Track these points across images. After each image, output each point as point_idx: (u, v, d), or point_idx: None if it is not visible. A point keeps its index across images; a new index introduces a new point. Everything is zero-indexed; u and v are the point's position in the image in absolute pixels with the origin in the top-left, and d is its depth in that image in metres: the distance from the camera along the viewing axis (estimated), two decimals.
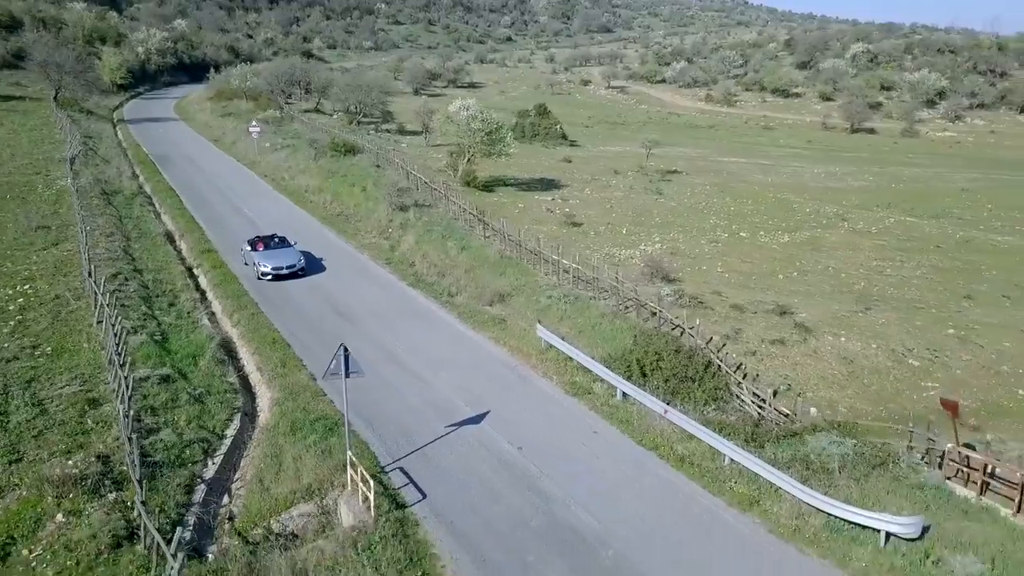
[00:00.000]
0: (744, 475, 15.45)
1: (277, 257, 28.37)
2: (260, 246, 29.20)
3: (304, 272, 28.26)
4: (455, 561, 13.28)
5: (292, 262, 28.34)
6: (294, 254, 28.89)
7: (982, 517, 14.18)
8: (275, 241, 29.61)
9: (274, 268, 27.94)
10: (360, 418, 18.10)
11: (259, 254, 28.60)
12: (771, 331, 24.27)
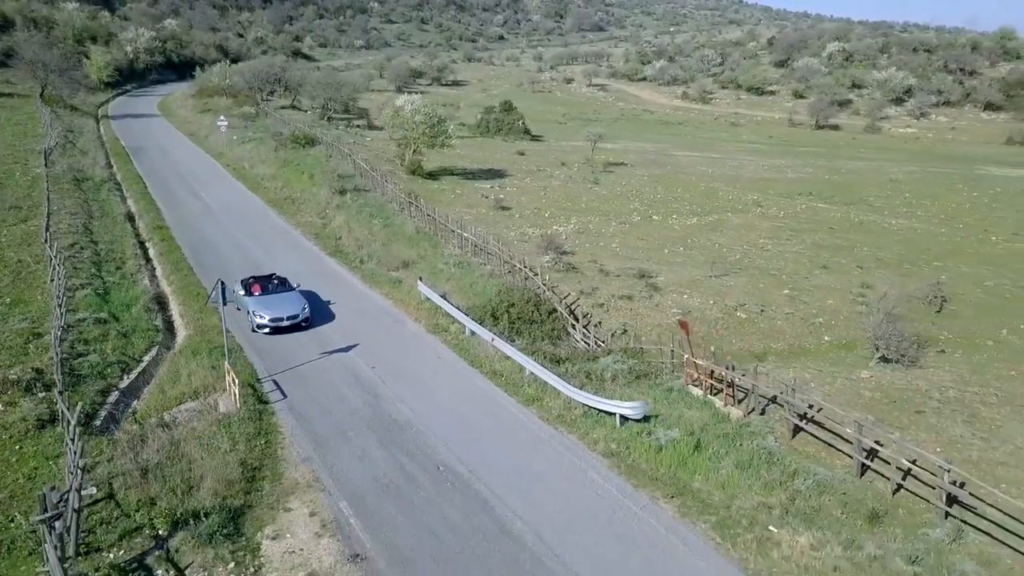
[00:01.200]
0: (536, 383, 20.23)
1: (276, 305, 24.03)
2: (256, 289, 25.09)
3: (308, 323, 24.19)
4: (293, 435, 18.09)
5: (294, 312, 23.90)
6: (297, 301, 24.51)
7: (701, 407, 18.91)
8: (273, 283, 25.50)
9: (272, 320, 23.54)
10: (253, 349, 22.96)
11: (254, 300, 24.32)
12: (624, 289, 29.02)
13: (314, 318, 25.15)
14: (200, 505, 14.99)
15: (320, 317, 25.42)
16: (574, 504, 15.50)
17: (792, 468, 16.24)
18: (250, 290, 25.20)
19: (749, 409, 18.71)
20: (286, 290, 25.34)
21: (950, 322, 28.20)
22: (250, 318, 24.08)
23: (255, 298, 24.63)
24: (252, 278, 26.08)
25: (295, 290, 25.51)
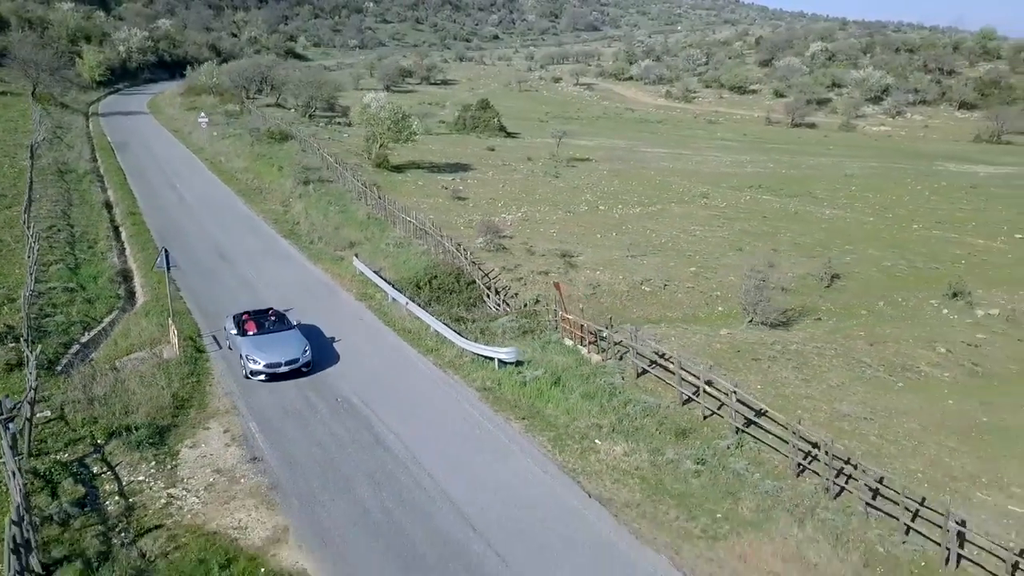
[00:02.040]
0: (437, 338, 23.93)
1: (273, 347, 21.47)
2: (250, 327, 22.58)
3: (310, 368, 21.74)
4: (221, 376, 21.81)
5: (294, 355, 21.32)
6: (296, 342, 21.85)
7: (568, 354, 22.61)
8: (270, 320, 23.04)
9: (269, 365, 21.04)
10: (199, 310, 26.76)
11: (248, 342, 21.76)
12: (544, 267, 32.71)
13: (259, 292, 28.88)
14: (133, 423, 18.74)
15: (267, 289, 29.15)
16: (442, 425, 19.22)
17: (628, 399, 19.93)
18: (243, 328, 22.44)
19: (608, 356, 22.38)
20: (284, 328, 22.57)
21: (836, 295, 31.82)
22: (243, 362, 21.32)
23: (249, 339, 21.82)
24: (246, 314, 23.17)
25: (295, 328, 22.68)
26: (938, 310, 29.96)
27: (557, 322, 24.25)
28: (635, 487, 16.60)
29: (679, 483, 16.69)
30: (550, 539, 14.70)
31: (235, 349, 22.47)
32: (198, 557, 14.09)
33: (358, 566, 13.95)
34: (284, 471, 17.08)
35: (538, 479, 16.97)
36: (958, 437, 18.99)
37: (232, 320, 23.37)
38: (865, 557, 14.18)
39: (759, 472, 16.83)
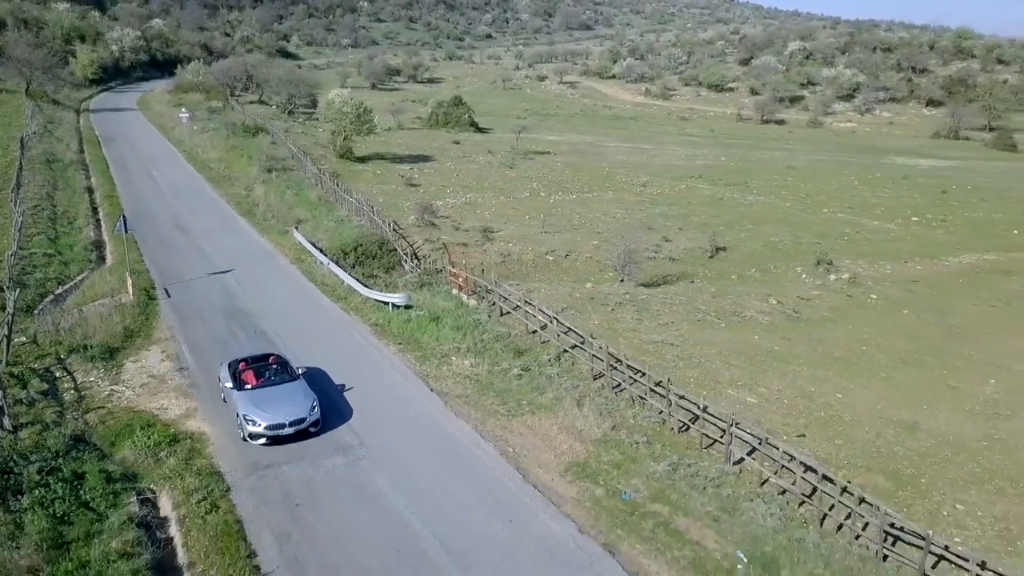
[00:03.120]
0: (348, 289, 29.58)
1: (275, 404, 18.80)
2: (248, 378, 20.02)
3: (319, 427, 19.28)
4: (166, 315, 27.46)
5: (299, 413, 18.72)
6: (302, 396, 19.29)
7: (451, 300, 28.24)
8: (271, 370, 20.46)
9: (271, 427, 18.44)
10: (156, 270, 32.41)
11: (245, 397, 19.09)
12: (464, 239, 38.37)
13: (211, 258, 34.57)
14: (90, 344, 24.46)
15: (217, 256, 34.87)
16: (336, 349, 24.81)
17: (487, 330, 25.52)
18: (240, 379, 19.84)
19: (481, 301, 28.01)
20: (288, 379, 19.96)
21: (716, 264, 37.36)
22: (239, 421, 18.67)
23: (247, 394, 19.16)
24: (243, 362, 20.58)
25: (299, 379, 20.05)
26: (799, 275, 35.46)
27: (446, 276, 29.88)
28: (469, 386, 22.23)
29: (503, 383, 22.32)
30: (398, 417, 20.31)
31: (230, 404, 19.53)
32: (126, 423, 19.74)
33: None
34: (202, 376, 22.73)
35: (399, 382, 22.61)
36: (744, 359, 24.55)
37: (227, 369, 20.33)
38: (615, 424, 19.75)
39: (567, 376, 22.42)
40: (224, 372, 20.74)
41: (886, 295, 32.71)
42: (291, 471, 17.77)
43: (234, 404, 19.56)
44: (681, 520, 16.15)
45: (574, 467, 18.16)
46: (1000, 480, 17.96)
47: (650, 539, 15.54)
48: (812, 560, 14.65)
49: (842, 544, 15.10)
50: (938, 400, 22.26)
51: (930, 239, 43.61)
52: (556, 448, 18.94)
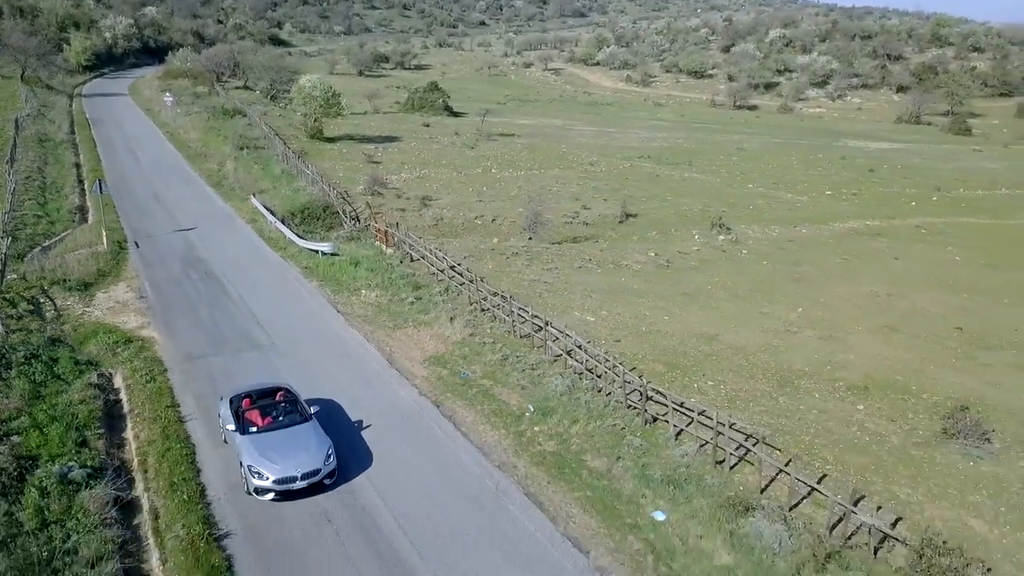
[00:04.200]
0: (288, 241, 35.92)
1: (285, 451, 16.88)
2: (253, 418, 18.07)
3: (334, 478, 17.40)
4: (133, 261, 33.86)
5: (314, 464, 16.83)
6: (316, 441, 17.41)
7: (371, 249, 34.54)
8: (280, 408, 18.50)
9: (281, 480, 16.51)
10: (129, 228, 38.76)
11: (250, 444, 17.09)
12: (404, 205, 44.59)
13: (178, 219, 40.99)
14: (69, 279, 30.85)
15: (184, 218, 41.22)
16: (269, 285, 31.11)
17: (395, 272, 31.80)
18: (244, 420, 17.81)
19: (398, 251, 34.31)
20: (299, 419, 17.96)
21: (623, 228, 43.44)
22: (243, 472, 16.71)
23: (253, 439, 17.14)
24: (247, 398, 18.54)
25: (312, 419, 18.05)
26: (692, 236, 41.55)
27: (370, 229, 36.19)
28: (369, 310, 28.54)
29: (397, 308, 28.61)
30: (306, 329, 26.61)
31: (231, 447, 17.56)
32: (93, 330, 26.09)
33: (185, 339, 25.82)
34: (158, 302, 29.09)
35: (314, 309, 28.92)
36: (602, 294, 30.74)
37: (227, 406, 18.28)
38: (474, 332, 26.02)
39: (449, 304, 28.69)
40: (224, 409, 18.26)
41: (757, 251, 38.81)
42: (215, 360, 24.11)
43: (236, 450, 17.06)
44: (498, 389, 22.42)
45: (432, 359, 24.46)
46: (753, 370, 24.11)
47: (470, 399, 21.82)
48: (579, 410, 20.86)
49: (604, 401, 21.31)
50: (746, 322, 28.41)
51: (830, 209, 49.61)
52: (423, 348, 25.25)
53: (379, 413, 20.89)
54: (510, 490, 17.59)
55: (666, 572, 15.00)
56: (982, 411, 21.50)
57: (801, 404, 21.73)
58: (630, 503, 17.07)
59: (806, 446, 19.19)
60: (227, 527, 16.09)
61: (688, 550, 15.49)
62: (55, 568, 14.37)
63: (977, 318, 29.53)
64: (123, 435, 20.17)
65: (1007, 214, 49.36)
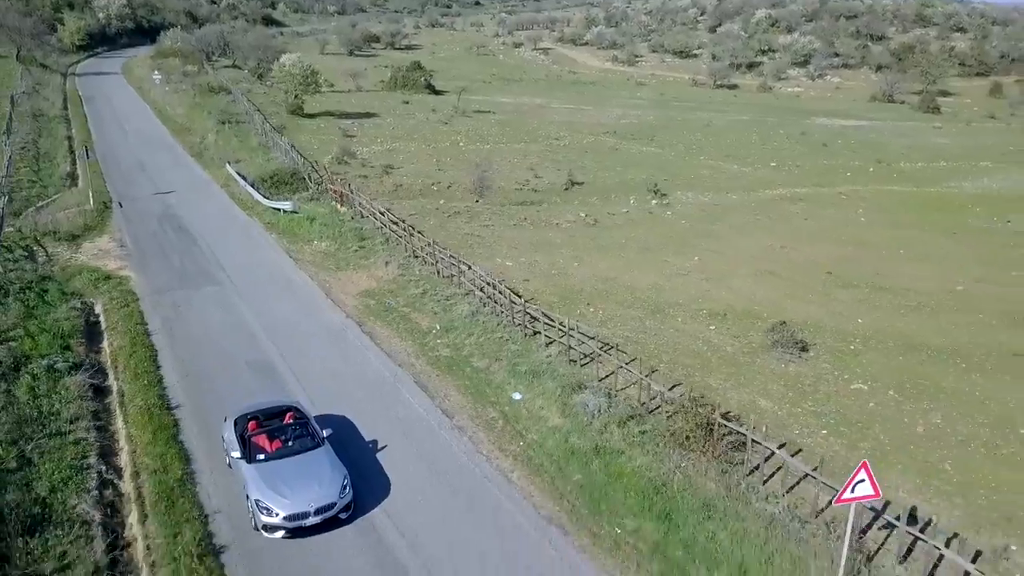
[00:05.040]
0: (254, 201, 40.97)
1: (296, 483, 15.60)
2: (261, 443, 16.86)
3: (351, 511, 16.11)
4: (116, 218, 38.97)
5: (329, 497, 15.57)
6: (329, 470, 16.13)
7: (329, 208, 39.56)
8: (290, 430, 17.24)
9: (291, 517, 15.26)
10: (115, 191, 43.78)
11: (258, 475, 15.83)
12: (366, 172, 49.55)
13: (160, 186, 46.16)
14: (59, 230, 35.94)
15: (165, 185, 46.28)
16: (234, 237, 36.15)
17: (346, 226, 36.80)
18: (251, 445, 16.70)
19: (350, 210, 39.31)
20: (311, 444, 16.85)
21: (568, 194, 48.27)
22: (249, 506, 15.56)
23: (260, 468, 16.03)
24: (253, 420, 17.51)
25: (324, 444, 16.94)
26: (628, 201, 46.41)
27: (328, 191, 41.21)
28: (317, 256, 33.60)
29: (342, 255, 33.65)
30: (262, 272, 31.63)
31: (237, 475, 16.42)
32: (79, 270, 31.20)
33: (156, 277, 30.84)
34: (135, 250, 34.17)
35: (270, 256, 33.97)
36: (527, 246, 35.68)
37: (232, 429, 17.22)
38: (404, 273, 31.05)
39: (388, 251, 33.70)
40: (229, 432, 17.20)
41: (681, 213, 43.67)
42: (180, 293, 29.18)
43: (243, 481, 15.83)
44: (414, 314, 27.47)
45: (363, 292, 29.53)
46: (633, 302, 28.98)
47: (388, 321, 26.87)
48: (476, 328, 25.87)
49: (498, 321, 26.30)
50: (645, 268, 33.33)
51: (767, 178, 54.39)
52: (357, 285, 30.32)
53: (311, 331, 25.97)
54: (405, 380, 22.66)
55: (510, 430, 20.06)
56: (814, 331, 26.45)
57: (663, 326, 26.70)
58: (497, 388, 22.10)
59: (651, 352, 24.17)
60: (178, 402, 21.19)
61: (531, 416, 20.53)
62: (43, 423, 19.45)
63: (851, 265, 34.40)
64: (100, 345, 25.29)
65: (930, 183, 54.06)
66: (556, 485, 17.75)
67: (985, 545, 15.60)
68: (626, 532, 16.08)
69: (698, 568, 14.82)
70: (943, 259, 35.72)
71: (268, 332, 25.42)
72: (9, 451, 17.89)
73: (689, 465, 17.66)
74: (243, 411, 18.15)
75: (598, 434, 19.13)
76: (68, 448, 18.44)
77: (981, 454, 19.16)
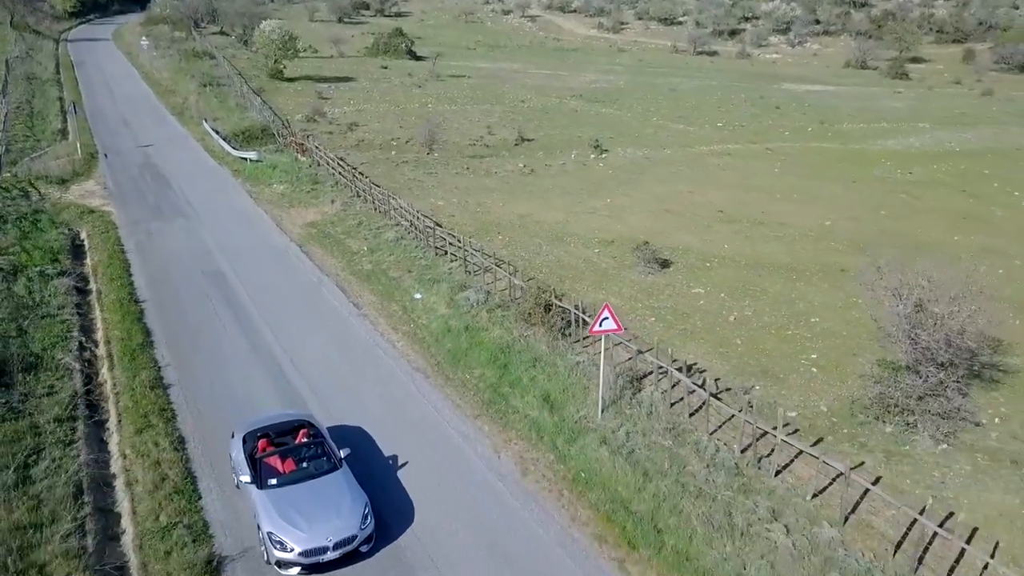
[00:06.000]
0: (225, 152, 46.86)
1: (314, 513, 14.67)
2: (273, 465, 15.83)
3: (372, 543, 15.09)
4: (102, 166, 44.94)
5: (349, 529, 14.58)
6: (349, 497, 15.13)
7: (289, 157, 45.39)
8: (305, 451, 16.22)
9: (308, 552, 14.26)
10: (101, 144, 49.65)
11: (270, 502, 14.86)
12: (332, 129, 55.30)
13: (140, 140, 52.13)
14: (51, 175, 41.89)
15: (145, 140, 52.18)
16: (204, 181, 42.04)
17: (302, 172, 42.66)
18: (261, 468, 15.69)
19: (309, 159, 45.13)
20: (327, 467, 15.86)
21: (517, 149, 53.88)
22: (260, 536, 14.71)
23: (273, 496, 15.01)
24: (264, 438, 16.58)
25: (343, 466, 15.94)
26: (569, 155, 52.04)
27: (290, 143, 47.06)
28: (274, 196, 39.49)
29: (296, 195, 39.53)
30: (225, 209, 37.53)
31: (246, 498, 15.62)
32: (67, 206, 37.20)
33: (133, 212, 36.72)
34: (117, 191, 40.10)
35: (233, 196, 39.88)
36: (462, 189, 41.46)
37: (240, 447, 16.37)
38: (345, 209, 36.93)
39: (336, 193, 39.54)
40: (237, 451, 16.33)
41: (613, 165, 49.33)
42: (153, 224, 35.12)
43: (253, 508, 15.03)
44: (348, 240, 33.38)
45: (308, 224, 35.46)
46: (539, 232, 34.72)
47: (325, 245, 32.80)
48: (398, 249, 31.77)
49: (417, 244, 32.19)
50: (561, 208, 39.08)
51: (706, 137, 59.89)
52: (304, 218, 36.24)
53: (259, 251, 31.97)
54: (329, 284, 28.65)
55: (406, 317, 26.03)
56: (682, 254, 32.26)
57: (556, 249, 32.56)
58: (403, 291, 28.03)
59: (537, 267, 30.04)
60: (144, 298, 27.21)
61: (425, 309, 26.46)
62: (36, 309, 25.49)
63: (743, 206, 40.10)
64: (83, 260, 31.31)
65: (858, 141, 59.50)
66: (430, 351, 23.75)
67: (739, 387, 21.52)
68: (472, 377, 22.06)
69: (516, 395, 20.78)
70: (829, 202, 41.38)
71: (223, 252, 31.37)
72: (10, 325, 23.91)
73: (531, 335, 23.59)
74: (252, 427, 16.95)
75: (471, 318, 25.08)
76: (56, 325, 24.47)
77: (771, 335, 25.05)
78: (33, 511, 15.67)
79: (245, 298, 26.43)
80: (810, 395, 21.30)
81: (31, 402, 19.76)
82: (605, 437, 18.44)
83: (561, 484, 17.44)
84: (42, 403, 19.81)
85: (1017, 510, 16.69)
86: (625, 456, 17.75)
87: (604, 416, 19.36)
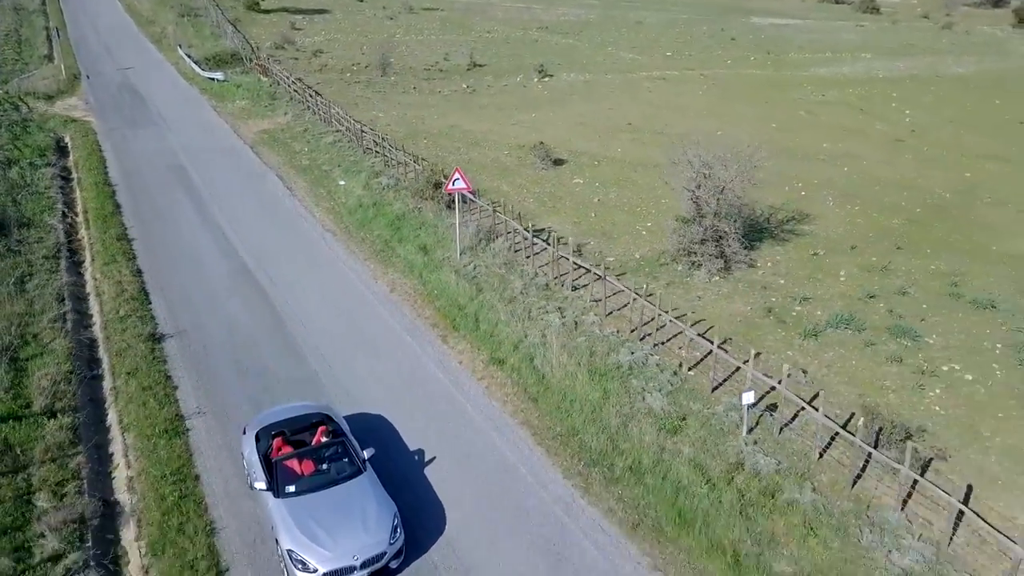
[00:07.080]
0: (195, 73, 53.21)
1: (337, 527, 13.56)
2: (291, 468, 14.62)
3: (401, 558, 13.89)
4: (85, 86, 51.38)
5: (377, 547, 13.46)
6: (375, 507, 13.99)
7: (255, 80, 51.77)
8: (325, 452, 15.00)
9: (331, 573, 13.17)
10: (84, 67, 55.97)
11: (289, 512, 13.79)
12: (297, 55, 61.43)
13: (127, 76, 58.50)
14: (39, 91, 48.39)
15: (133, 76, 58.51)
16: (175, 97, 48.53)
17: (265, 92, 49.09)
18: (277, 472, 14.46)
19: (271, 80, 51.48)
20: (351, 471, 14.69)
21: (468, 73, 59.95)
22: (280, 553, 13.60)
23: (291, 506, 13.90)
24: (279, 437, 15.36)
25: (367, 469, 14.81)
26: (515, 79, 58.19)
27: (254, 66, 53.37)
28: (236, 110, 46.00)
29: (256, 109, 46.03)
30: (191, 119, 44.10)
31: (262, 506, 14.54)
32: (52, 117, 43.83)
33: (110, 121, 43.27)
34: (97, 106, 46.64)
35: (199, 110, 46.41)
36: (404, 106, 47.88)
37: (253, 446, 15.18)
38: (295, 120, 43.47)
39: (290, 107, 46.01)
40: (250, 451, 15.20)
41: (551, 87, 55.52)
42: (127, 131, 41.81)
43: (271, 518, 14.00)
44: (293, 143, 40.03)
45: (262, 131, 42.09)
46: (463, 138, 41.21)
47: (272, 146, 39.50)
48: (334, 150, 38.42)
49: (350, 146, 38.79)
50: (489, 120, 45.45)
51: (648, 64, 65.75)
52: (260, 127, 42.85)
53: (216, 151, 38.68)
54: (270, 174, 35.42)
55: (329, 197, 32.81)
56: (578, 155, 38.81)
57: (473, 152, 39.14)
58: (331, 180, 34.76)
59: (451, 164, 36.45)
60: (116, 182, 34.06)
61: (346, 193, 33.24)
62: (27, 188, 32.33)
63: (651, 121, 46.44)
64: (67, 158, 38.09)
65: (791, 69, 65.36)
66: (342, 219, 30.62)
67: (575, 242, 28.31)
68: (371, 236, 28.94)
69: (401, 247, 27.65)
70: (732, 118, 47.65)
71: (185, 152, 38.06)
72: (7, 198, 30.79)
73: (424, 207, 30.39)
74: (264, 422, 15.67)
75: (380, 196, 31.87)
76: (44, 200, 31.35)
77: (623, 211, 31.78)
78: (29, 305, 22.65)
79: (199, 183, 33.15)
80: (632, 249, 28.10)
81: (25, 246, 26.67)
82: (457, 268, 25.31)
83: (416, 297, 24.41)
84: (33, 247, 26.72)
85: (747, 314, 23.57)
86: (468, 279, 24.64)
87: (462, 258, 26.22)
